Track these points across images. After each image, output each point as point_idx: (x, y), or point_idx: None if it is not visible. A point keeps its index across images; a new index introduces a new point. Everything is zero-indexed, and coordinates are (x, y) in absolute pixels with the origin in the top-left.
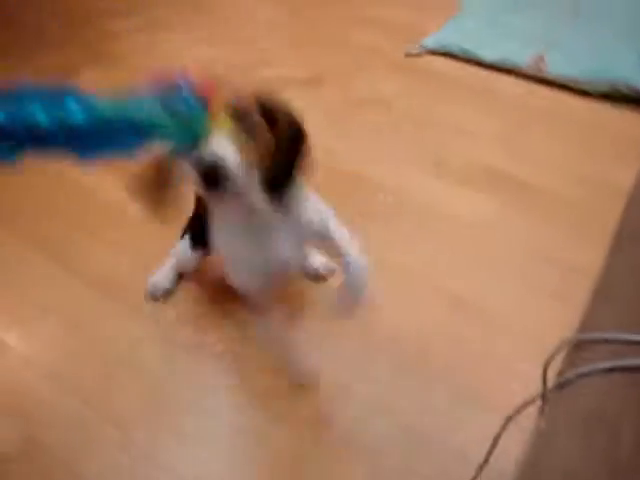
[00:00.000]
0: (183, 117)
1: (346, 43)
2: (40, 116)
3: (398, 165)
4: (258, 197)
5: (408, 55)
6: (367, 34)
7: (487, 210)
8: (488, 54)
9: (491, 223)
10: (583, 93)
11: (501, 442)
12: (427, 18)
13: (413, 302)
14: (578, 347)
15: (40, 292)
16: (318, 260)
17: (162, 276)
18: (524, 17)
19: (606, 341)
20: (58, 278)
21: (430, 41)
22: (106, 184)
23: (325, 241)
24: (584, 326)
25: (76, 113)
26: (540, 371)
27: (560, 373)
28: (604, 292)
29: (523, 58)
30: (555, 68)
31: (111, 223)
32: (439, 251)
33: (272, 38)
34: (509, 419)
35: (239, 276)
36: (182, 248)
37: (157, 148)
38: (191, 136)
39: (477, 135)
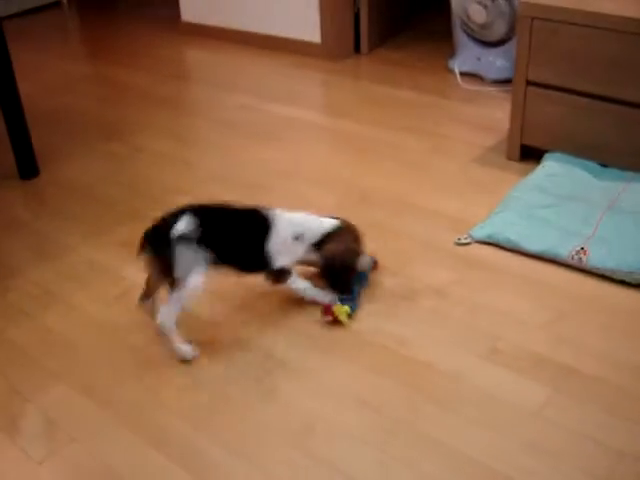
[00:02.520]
0: None
1: (399, 232)
2: None
3: (453, 350)
4: None
5: (458, 244)
6: (418, 224)
7: (539, 397)
8: (531, 245)
9: (543, 410)
10: (623, 282)
11: None
12: (472, 210)
13: None
14: None
15: None
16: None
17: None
18: (563, 211)
19: None
20: None
21: (477, 231)
22: None
23: None
24: None
25: None
26: None
27: None
28: None
29: (565, 250)
30: (595, 260)
31: None
32: (492, 437)
33: None
34: None
35: None
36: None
37: None
38: None
39: (526, 322)
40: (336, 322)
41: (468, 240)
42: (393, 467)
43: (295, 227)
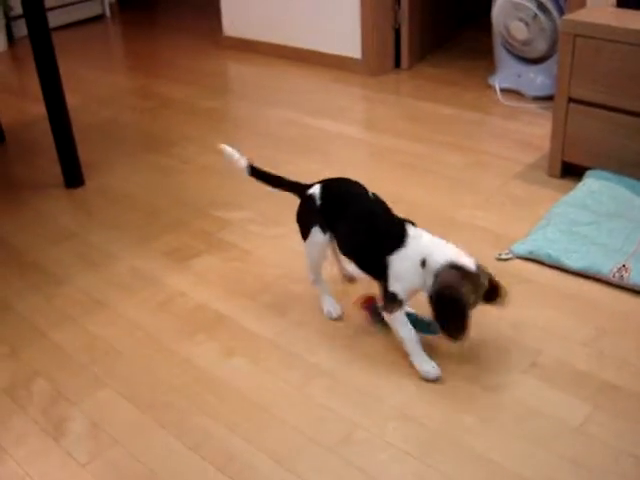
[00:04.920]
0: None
1: None
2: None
3: (494, 363)
4: None
5: (499, 259)
6: (459, 239)
7: (579, 412)
8: (573, 262)
9: (584, 425)
10: None
11: None
12: (513, 226)
13: None
14: None
15: None
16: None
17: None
18: (605, 228)
19: None
20: None
21: (518, 247)
22: None
23: None
24: None
25: None
26: None
27: None
28: None
29: (606, 267)
30: (637, 277)
31: None
32: (533, 452)
33: None
34: None
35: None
36: (311, 243)
37: None
38: None
39: (567, 338)
40: None
41: (509, 256)
42: (432, 479)
43: (419, 255)
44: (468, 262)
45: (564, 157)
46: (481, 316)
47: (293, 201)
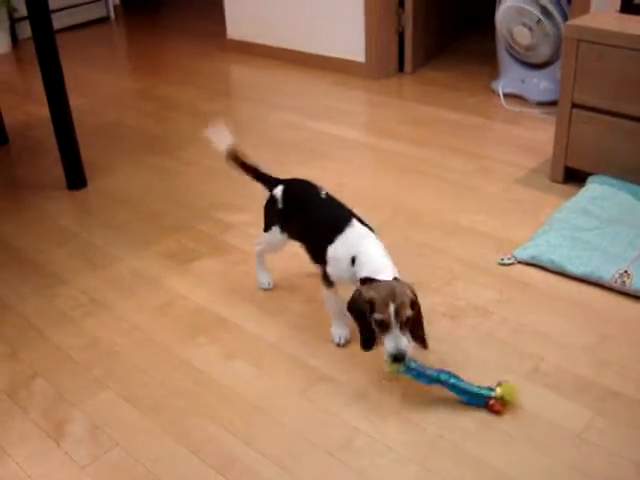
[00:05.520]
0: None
1: (443, 251)
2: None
3: (496, 369)
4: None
5: (501, 264)
6: (462, 243)
7: (581, 419)
8: (575, 268)
9: (585, 432)
10: None
11: None
12: (515, 231)
13: None
14: None
15: None
16: None
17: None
18: (607, 234)
19: None
20: None
21: (521, 252)
22: None
23: None
24: None
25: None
26: None
27: None
28: None
29: (608, 273)
30: (639, 283)
31: None
32: (534, 458)
33: None
34: None
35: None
36: (270, 236)
37: None
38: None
39: (569, 344)
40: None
41: (512, 261)
42: None
43: (352, 251)
44: (385, 275)
45: (567, 162)
46: (483, 321)
47: None
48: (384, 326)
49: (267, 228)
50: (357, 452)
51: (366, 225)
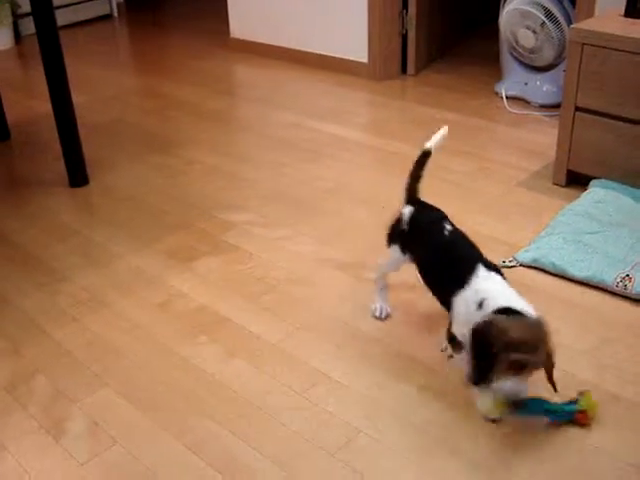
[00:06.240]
0: None
1: None
2: None
3: None
4: None
5: (503, 267)
6: None
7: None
8: (577, 271)
9: (586, 436)
10: None
11: None
12: (517, 233)
13: None
14: None
15: None
16: None
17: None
18: (609, 238)
19: None
20: None
21: (523, 255)
22: None
23: None
24: None
25: None
26: None
27: None
28: None
29: (610, 277)
30: None
31: None
32: (535, 462)
33: (373, 245)
34: None
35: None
36: (391, 252)
37: None
38: None
39: (570, 347)
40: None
41: (513, 263)
42: None
43: (478, 296)
44: (526, 309)
45: (569, 166)
46: None
47: (297, 203)
48: (519, 369)
49: (388, 244)
50: (357, 453)
51: (492, 266)
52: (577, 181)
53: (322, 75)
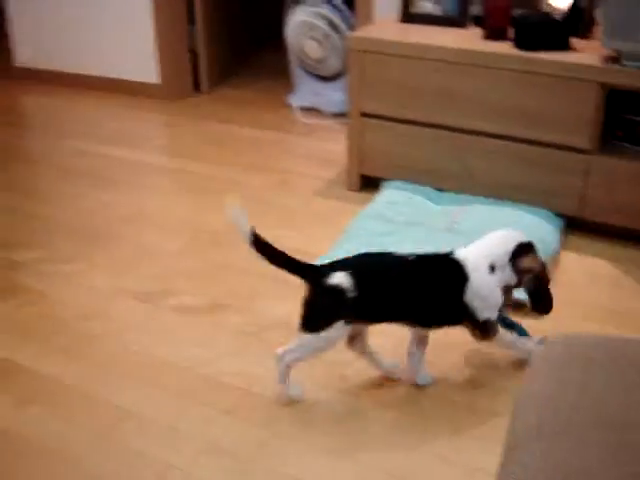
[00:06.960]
0: None
1: (248, 270)
2: None
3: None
4: None
5: None
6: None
7: None
8: None
9: None
10: None
11: None
12: (315, 243)
13: None
14: None
15: None
16: None
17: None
18: (405, 237)
19: None
20: None
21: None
22: None
23: None
24: None
25: None
26: None
27: None
28: None
29: None
30: None
31: None
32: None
33: (173, 269)
34: None
35: None
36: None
37: None
38: None
39: None
40: None
41: None
42: None
43: (486, 259)
44: (512, 238)
45: (361, 170)
46: (288, 332)
47: (92, 235)
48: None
49: (319, 327)
50: None
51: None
52: (371, 185)
53: (114, 99)
